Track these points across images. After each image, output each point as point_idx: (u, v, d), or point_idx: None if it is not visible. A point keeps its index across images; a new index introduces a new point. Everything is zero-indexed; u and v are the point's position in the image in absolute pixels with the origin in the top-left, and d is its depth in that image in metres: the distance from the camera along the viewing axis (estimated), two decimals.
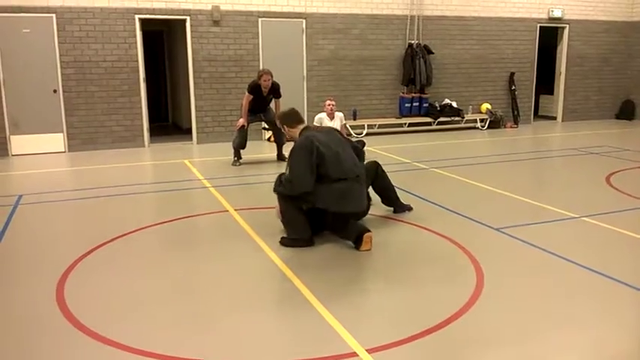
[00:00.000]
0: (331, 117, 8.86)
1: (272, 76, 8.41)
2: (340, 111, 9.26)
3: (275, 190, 5.00)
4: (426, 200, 6.29)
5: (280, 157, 8.95)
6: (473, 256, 4.57)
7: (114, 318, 3.56)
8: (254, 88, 8.44)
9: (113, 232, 5.21)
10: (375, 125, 11.67)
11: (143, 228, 5.38)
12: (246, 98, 8.48)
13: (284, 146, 8.76)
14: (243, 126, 8.50)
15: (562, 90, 13.81)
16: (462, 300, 3.74)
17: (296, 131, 5.07)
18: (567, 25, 13.35)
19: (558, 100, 13.93)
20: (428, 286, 4.09)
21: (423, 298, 3.88)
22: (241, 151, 8.63)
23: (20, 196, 6.67)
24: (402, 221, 5.55)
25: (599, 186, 7.05)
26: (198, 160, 9.02)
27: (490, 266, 4.34)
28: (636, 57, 13.98)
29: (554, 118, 14.02)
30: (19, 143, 9.54)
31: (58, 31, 9.40)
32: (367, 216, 5.57)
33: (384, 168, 5.77)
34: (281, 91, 8.63)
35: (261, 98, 8.54)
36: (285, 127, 5.15)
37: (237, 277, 4.24)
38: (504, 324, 3.47)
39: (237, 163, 8.58)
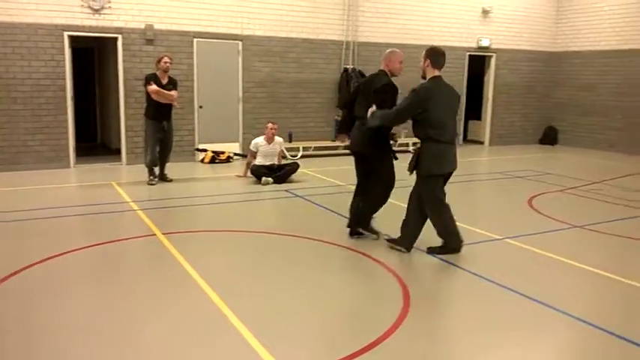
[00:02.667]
0: (270, 141, 8.82)
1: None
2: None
3: (371, 124, 5.49)
4: None
5: (163, 177, 8.66)
6: (399, 276, 4.63)
7: (28, 347, 3.37)
8: (150, 80, 8.20)
9: (33, 257, 4.94)
10: (311, 147, 11.74)
11: (65, 253, 5.13)
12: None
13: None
14: (157, 129, 8.25)
15: (489, 116, 14.38)
16: (389, 321, 3.76)
17: (430, 72, 5.10)
18: (494, 54, 13.97)
19: (486, 126, 14.49)
20: (352, 307, 4.11)
21: (347, 319, 3.89)
22: (155, 169, 8.46)
23: None
24: (327, 242, 5.56)
25: (522, 208, 7.34)
26: (127, 182, 8.74)
27: (416, 287, 4.41)
28: (559, 85, 14.77)
29: (482, 143, 14.56)
30: None
31: None
32: (291, 238, 5.59)
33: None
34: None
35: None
36: (428, 60, 5.08)
37: (162, 305, 4.11)
38: (430, 346, 3.52)
39: (154, 182, 8.40)
